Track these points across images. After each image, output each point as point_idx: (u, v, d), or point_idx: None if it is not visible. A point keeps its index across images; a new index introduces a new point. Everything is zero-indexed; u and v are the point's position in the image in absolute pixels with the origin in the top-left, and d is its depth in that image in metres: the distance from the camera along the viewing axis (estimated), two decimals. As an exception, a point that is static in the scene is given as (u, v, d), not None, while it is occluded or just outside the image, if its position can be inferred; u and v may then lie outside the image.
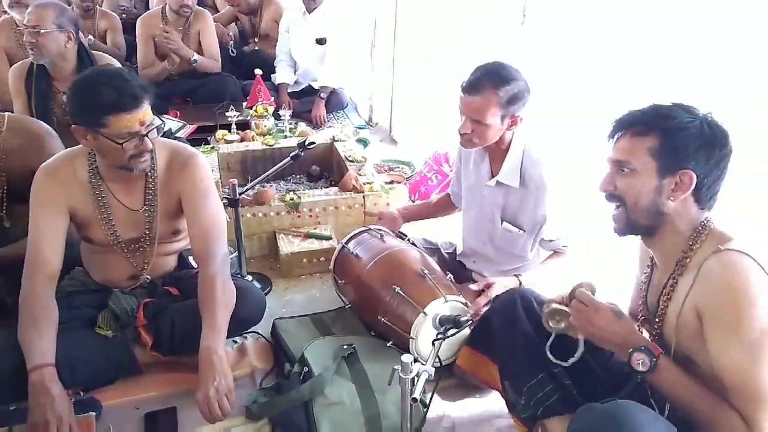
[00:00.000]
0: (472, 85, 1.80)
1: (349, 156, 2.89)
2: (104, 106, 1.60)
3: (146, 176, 1.83)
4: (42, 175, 1.77)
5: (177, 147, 1.90)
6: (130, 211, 1.84)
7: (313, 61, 4.04)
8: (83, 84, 1.64)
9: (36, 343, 1.61)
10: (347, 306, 2.10)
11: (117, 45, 4.23)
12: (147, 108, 1.66)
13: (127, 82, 1.62)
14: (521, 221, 1.98)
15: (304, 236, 2.48)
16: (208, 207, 1.85)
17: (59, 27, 2.56)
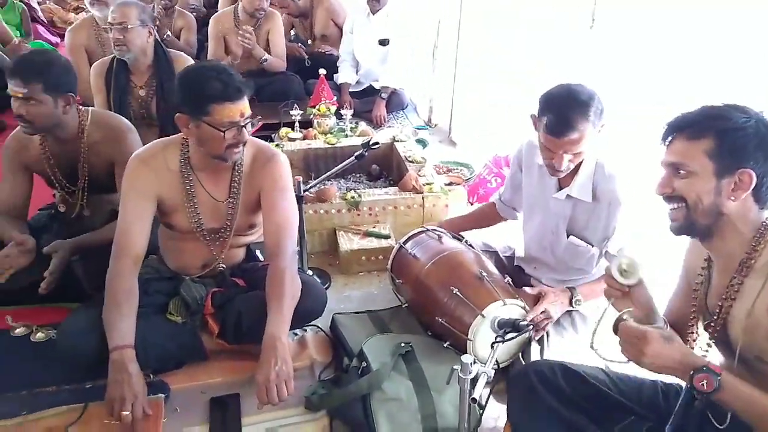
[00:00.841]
0: (562, 125, 1.72)
1: (409, 156, 2.93)
2: (211, 95, 1.70)
3: (232, 170, 1.92)
4: (135, 162, 1.88)
5: (261, 145, 1.99)
6: (215, 202, 1.93)
7: (375, 61, 4.10)
8: (192, 75, 1.75)
9: (118, 324, 1.71)
10: (404, 305, 2.13)
11: (190, 43, 4.39)
12: (246, 102, 1.77)
13: (232, 75, 1.73)
14: (589, 235, 1.95)
15: (363, 234, 2.53)
16: (283, 204, 1.92)
17: (142, 23, 2.70)
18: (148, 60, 2.79)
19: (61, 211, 2.36)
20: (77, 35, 3.58)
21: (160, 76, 2.80)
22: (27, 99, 1.97)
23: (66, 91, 2.05)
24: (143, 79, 2.82)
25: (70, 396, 1.82)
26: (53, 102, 2.02)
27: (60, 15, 6.77)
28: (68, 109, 2.09)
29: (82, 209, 2.31)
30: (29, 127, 2.04)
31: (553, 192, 1.97)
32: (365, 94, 4.18)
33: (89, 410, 1.75)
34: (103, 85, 2.84)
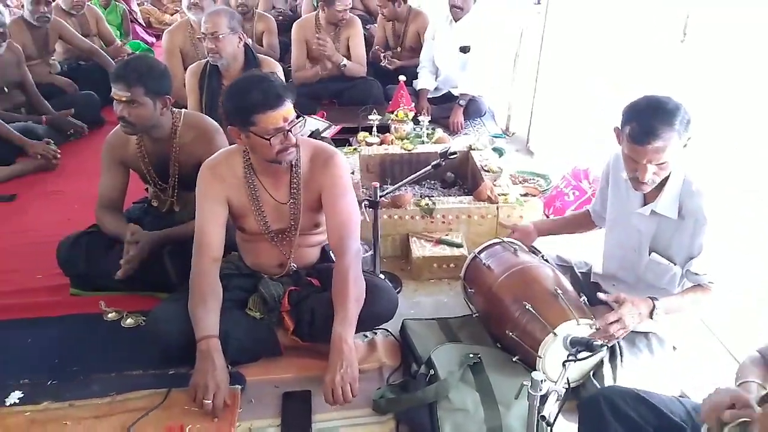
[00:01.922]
0: (646, 132, 1.67)
1: (485, 165, 2.92)
2: (252, 105, 1.77)
3: (291, 172, 1.99)
4: (205, 170, 1.99)
5: (318, 145, 2.05)
6: (278, 204, 2.01)
7: (454, 68, 4.11)
8: (235, 89, 1.83)
9: (204, 316, 1.82)
10: (474, 315, 2.14)
11: (272, 47, 4.54)
12: (289, 106, 1.82)
13: (271, 83, 1.79)
14: (673, 254, 1.89)
15: (436, 242, 2.55)
16: (344, 203, 1.97)
17: (232, 30, 2.84)
18: (238, 64, 2.93)
19: (153, 205, 2.52)
20: (173, 37, 3.79)
21: None
22: (130, 102, 2.12)
23: (164, 93, 2.19)
24: None
25: (155, 381, 1.94)
26: (153, 104, 2.16)
27: (156, 16, 7.17)
28: (165, 110, 2.23)
29: (172, 205, 2.45)
30: (130, 128, 2.19)
31: (637, 207, 1.92)
32: (443, 101, 4.19)
33: (172, 395, 1.86)
34: (197, 87, 3.00)
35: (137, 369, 2.01)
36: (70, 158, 3.72)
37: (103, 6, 5.79)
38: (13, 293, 2.42)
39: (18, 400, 1.87)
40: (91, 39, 4.90)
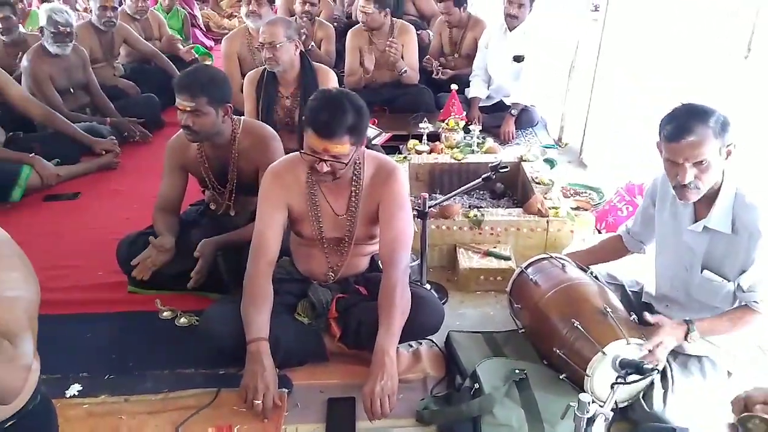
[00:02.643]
0: (680, 129, 1.68)
1: (535, 177, 2.89)
2: (310, 119, 1.81)
3: (352, 184, 2.02)
4: (270, 175, 2.04)
5: (382, 160, 2.07)
6: (335, 214, 2.04)
7: (507, 77, 4.08)
8: (321, 96, 1.87)
9: (255, 319, 1.87)
10: (520, 330, 2.12)
11: (329, 53, 4.61)
12: (342, 144, 1.80)
13: (341, 116, 1.77)
14: (726, 271, 1.83)
15: (483, 253, 2.54)
16: (400, 217, 1.99)
17: (289, 39, 2.91)
18: (295, 71, 3.00)
19: (210, 208, 2.60)
20: (232, 43, 3.90)
21: (305, 88, 3.00)
22: (194, 111, 2.19)
23: (225, 102, 2.26)
24: (290, 90, 3.04)
25: (205, 380, 2.00)
26: (215, 113, 2.24)
27: (215, 20, 7.37)
28: (226, 118, 2.30)
29: (229, 208, 2.53)
30: (194, 136, 2.27)
31: (687, 225, 1.87)
32: (495, 109, 4.17)
33: (221, 395, 1.91)
34: (254, 93, 3.08)
35: (189, 367, 2.07)
36: (131, 158, 3.87)
37: (166, 10, 5.99)
38: (76, 289, 2.54)
39: (77, 393, 1.96)
40: (153, 43, 5.08)
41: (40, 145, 3.54)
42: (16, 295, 1.26)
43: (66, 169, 3.55)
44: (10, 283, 1.26)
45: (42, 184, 3.37)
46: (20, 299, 1.27)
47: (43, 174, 3.37)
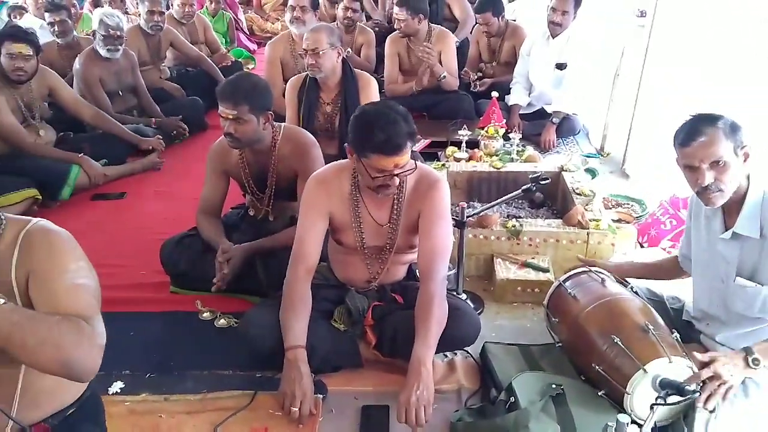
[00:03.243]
0: (690, 132, 1.72)
1: (576, 188, 2.85)
2: (371, 145, 1.81)
3: (395, 196, 2.03)
4: (313, 182, 2.06)
5: (425, 171, 2.07)
6: (376, 224, 2.06)
7: (549, 84, 4.04)
8: (364, 118, 1.86)
9: (293, 325, 1.90)
10: (558, 344, 2.10)
11: (369, 59, 4.65)
12: (406, 153, 1.83)
13: (397, 129, 1.79)
14: (761, 277, 1.78)
15: (521, 264, 2.52)
16: (440, 229, 1.99)
17: (332, 46, 2.94)
18: (336, 78, 3.03)
19: (250, 214, 2.65)
20: (275, 48, 3.95)
21: (345, 94, 3.03)
22: (236, 119, 2.24)
23: (266, 110, 2.30)
24: (331, 96, 3.08)
25: (243, 382, 2.03)
26: (257, 120, 2.28)
27: (259, 24, 7.49)
28: (267, 125, 2.34)
29: (267, 214, 2.57)
30: (236, 143, 2.32)
31: (719, 234, 1.84)
32: (536, 117, 4.13)
33: (258, 398, 1.95)
34: (296, 99, 3.12)
35: (227, 369, 2.11)
36: (175, 160, 3.97)
37: (211, 14, 6.13)
38: (120, 287, 2.60)
39: (119, 390, 2.02)
40: (199, 46, 5.20)
41: (89, 145, 3.66)
42: (85, 283, 1.34)
43: (113, 169, 3.66)
44: (80, 272, 1.34)
45: (90, 184, 3.49)
46: (89, 286, 1.35)
47: (91, 174, 3.48)
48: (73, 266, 1.33)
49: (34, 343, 1.18)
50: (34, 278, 1.31)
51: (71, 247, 1.36)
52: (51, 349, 1.19)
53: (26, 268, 1.32)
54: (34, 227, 1.37)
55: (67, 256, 1.33)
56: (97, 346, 1.28)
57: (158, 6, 4.51)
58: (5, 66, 3.26)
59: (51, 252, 1.32)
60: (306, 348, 1.91)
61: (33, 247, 1.33)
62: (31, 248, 1.33)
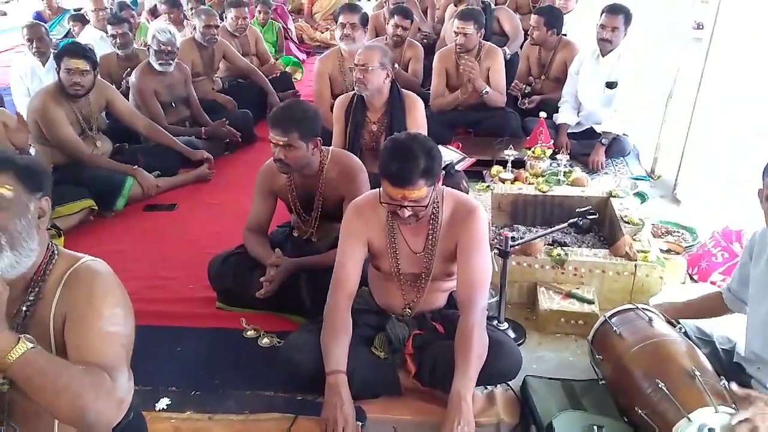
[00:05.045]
0: None
1: (624, 216, 2.79)
2: (384, 171, 1.86)
3: (430, 222, 2.04)
4: (352, 210, 2.10)
5: (462, 199, 2.08)
6: (412, 251, 2.07)
7: (598, 104, 3.96)
8: (389, 144, 1.91)
9: (334, 350, 1.93)
10: (601, 381, 2.06)
11: (416, 73, 4.66)
12: (420, 188, 1.83)
13: (413, 164, 1.80)
14: None
15: (565, 295, 2.48)
16: (478, 259, 1.99)
17: (382, 66, 2.97)
18: (383, 98, 3.06)
19: (294, 234, 2.70)
20: (324, 64, 4.00)
21: (392, 114, 3.05)
22: (286, 146, 2.30)
23: (315, 136, 2.35)
24: (377, 116, 3.11)
25: (284, 405, 2.07)
26: (306, 147, 2.33)
27: (308, 33, 7.59)
28: (316, 150, 2.39)
29: (311, 236, 2.62)
30: (285, 168, 2.39)
31: None
32: (584, 136, 4.06)
33: (299, 422, 1.98)
34: (343, 117, 3.16)
35: (269, 389, 2.15)
36: (224, 171, 4.06)
37: (261, 24, 6.25)
38: (168, 301, 2.69)
39: (166, 407, 2.08)
40: (250, 58, 5.31)
41: (143, 156, 3.79)
42: (116, 331, 1.37)
43: (165, 181, 3.78)
44: (114, 318, 1.38)
45: (143, 195, 3.60)
46: (120, 334, 1.38)
47: (144, 185, 3.60)
48: (108, 312, 1.36)
49: (53, 390, 1.22)
50: (70, 319, 1.36)
51: (111, 292, 1.40)
52: (68, 399, 1.22)
53: (65, 308, 1.37)
54: (81, 267, 1.42)
55: (104, 301, 1.37)
56: (116, 401, 1.30)
57: (213, 20, 4.63)
58: (63, 80, 3.40)
59: (90, 295, 1.37)
60: (346, 373, 1.93)
61: (75, 287, 1.38)
62: (73, 289, 1.38)
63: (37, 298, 1.39)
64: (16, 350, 1.20)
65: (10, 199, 1.33)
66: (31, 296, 1.39)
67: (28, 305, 1.39)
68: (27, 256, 1.36)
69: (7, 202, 1.33)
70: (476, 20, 4.03)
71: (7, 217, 1.32)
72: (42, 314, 1.38)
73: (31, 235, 1.37)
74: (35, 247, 1.38)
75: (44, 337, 1.36)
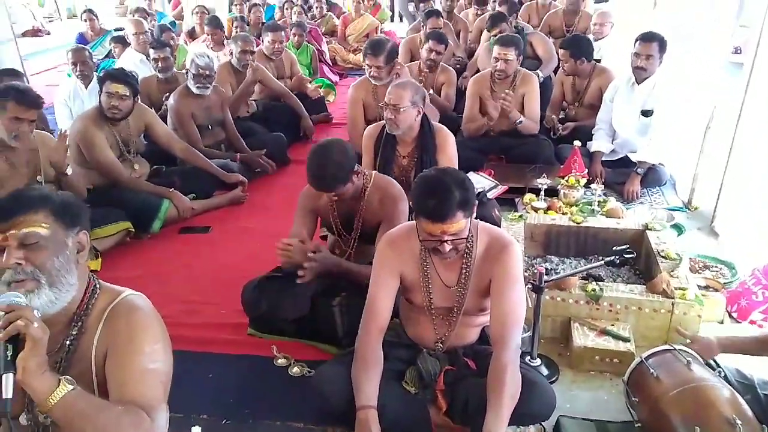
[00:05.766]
0: None
1: (661, 250, 2.73)
2: (420, 209, 1.87)
3: (464, 256, 2.03)
4: (385, 242, 2.10)
5: (496, 234, 2.06)
6: (445, 285, 2.06)
7: (634, 132, 3.91)
8: (421, 181, 1.92)
9: (365, 385, 1.93)
10: (636, 424, 2.01)
11: (449, 98, 4.67)
12: (455, 222, 1.83)
13: (449, 197, 1.82)
14: None
15: (600, 331, 2.43)
16: (512, 295, 1.97)
17: (413, 104, 2.97)
18: (414, 133, 3.06)
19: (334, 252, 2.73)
20: (358, 90, 4.04)
21: (422, 149, 3.06)
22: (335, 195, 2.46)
23: (353, 170, 2.43)
24: (407, 150, 3.11)
25: (314, 437, 2.08)
26: (350, 184, 2.44)
27: (341, 55, 7.68)
28: (356, 179, 2.47)
29: (350, 255, 2.66)
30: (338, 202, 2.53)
31: None
32: (619, 164, 4.00)
33: (328, 456, 1.98)
34: (372, 148, 3.18)
35: (299, 421, 2.16)
36: (258, 194, 4.11)
37: (296, 46, 6.35)
38: (201, 326, 2.72)
39: (197, 435, 2.10)
40: (284, 81, 5.39)
41: (179, 179, 3.86)
42: (156, 368, 1.39)
43: (200, 203, 3.84)
44: (154, 355, 1.40)
45: (178, 217, 3.67)
46: (160, 372, 1.40)
47: (180, 207, 3.66)
48: (148, 349, 1.39)
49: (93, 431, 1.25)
50: (111, 355, 1.38)
51: (151, 327, 1.42)
52: None
53: (106, 344, 1.39)
54: (122, 301, 1.44)
55: (144, 337, 1.39)
56: None
57: (250, 45, 4.73)
58: (103, 103, 3.50)
59: (130, 331, 1.39)
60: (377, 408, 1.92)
61: (116, 322, 1.41)
62: (114, 324, 1.40)
63: (80, 332, 1.43)
64: (56, 393, 1.23)
65: (47, 237, 1.36)
66: (74, 331, 1.42)
67: (71, 339, 1.42)
68: (66, 291, 1.39)
69: (45, 241, 1.36)
70: (517, 46, 4.04)
71: (45, 255, 1.35)
72: (84, 349, 1.41)
73: (70, 271, 1.40)
74: (74, 282, 1.41)
75: (86, 372, 1.39)
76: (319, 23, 8.15)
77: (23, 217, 1.35)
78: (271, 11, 8.84)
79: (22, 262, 1.32)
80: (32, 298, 1.33)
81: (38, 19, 11.21)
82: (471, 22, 6.70)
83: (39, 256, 1.34)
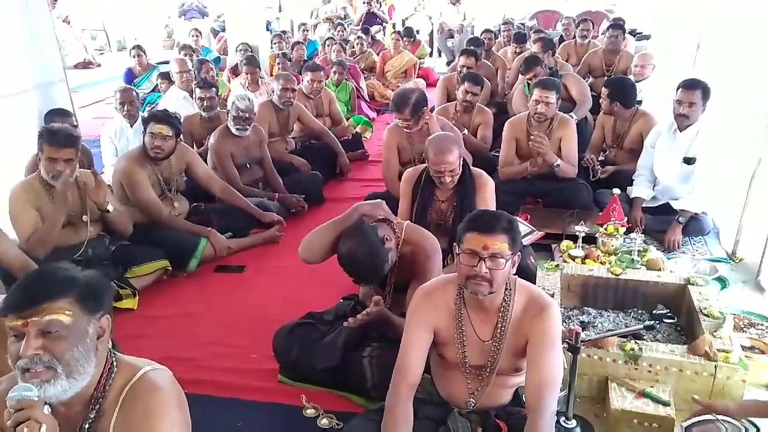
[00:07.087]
0: None
1: (704, 308, 2.63)
2: (467, 224, 1.92)
3: (500, 312, 1.99)
4: (420, 295, 2.08)
5: (535, 293, 2.02)
6: (480, 341, 2.02)
7: (675, 179, 3.82)
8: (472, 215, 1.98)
9: None
10: (677, 496, 1.93)
11: (485, 139, 4.67)
12: (501, 242, 1.86)
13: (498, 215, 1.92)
14: None
15: (638, 393, 2.35)
16: (549, 359, 1.92)
17: (460, 156, 2.97)
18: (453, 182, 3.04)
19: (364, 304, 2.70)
20: (392, 134, 4.05)
21: (461, 193, 3.04)
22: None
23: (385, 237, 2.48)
24: (446, 195, 3.09)
25: (341, 496, 2.04)
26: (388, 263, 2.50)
27: (379, 90, 7.77)
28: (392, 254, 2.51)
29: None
30: None
31: None
32: (660, 211, 3.90)
33: None
34: (410, 192, 3.17)
35: (326, 477, 2.14)
36: (293, 233, 4.10)
37: (336, 84, 6.45)
38: (232, 371, 2.72)
39: (224, 487, 2.10)
40: (323, 119, 5.47)
41: (217, 217, 3.93)
42: None
43: (236, 242, 3.89)
44: None
45: (215, 255, 3.72)
46: None
47: (216, 246, 3.72)
48: None
49: None
50: None
51: (168, 414, 1.39)
52: None
53: (123, 429, 1.37)
54: (140, 381, 1.42)
55: (162, 423, 1.37)
56: None
57: (291, 83, 4.82)
58: (147, 143, 3.60)
59: (147, 417, 1.37)
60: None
61: (133, 408, 1.38)
62: (132, 409, 1.38)
63: (98, 415, 1.41)
64: None
65: (68, 326, 1.33)
66: (92, 414, 1.40)
67: (90, 423, 1.40)
68: (83, 380, 1.37)
69: (66, 330, 1.33)
70: (558, 89, 4.02)
71: (65, 346, 1.33)
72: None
73: (88, 359, 1.37)
74: (92, 369, 1.38)
75: None
76: (358, 59, 8.28)
77: (47, 304, 1.32)
78: (312, 47, 9.04)
79: (40, 352, 1.30)
80: (47, 388, 1.31)
81: (89, 51, 11.65)
82: (509, 60, 6.71)
83: (58, 346, 1.32)
